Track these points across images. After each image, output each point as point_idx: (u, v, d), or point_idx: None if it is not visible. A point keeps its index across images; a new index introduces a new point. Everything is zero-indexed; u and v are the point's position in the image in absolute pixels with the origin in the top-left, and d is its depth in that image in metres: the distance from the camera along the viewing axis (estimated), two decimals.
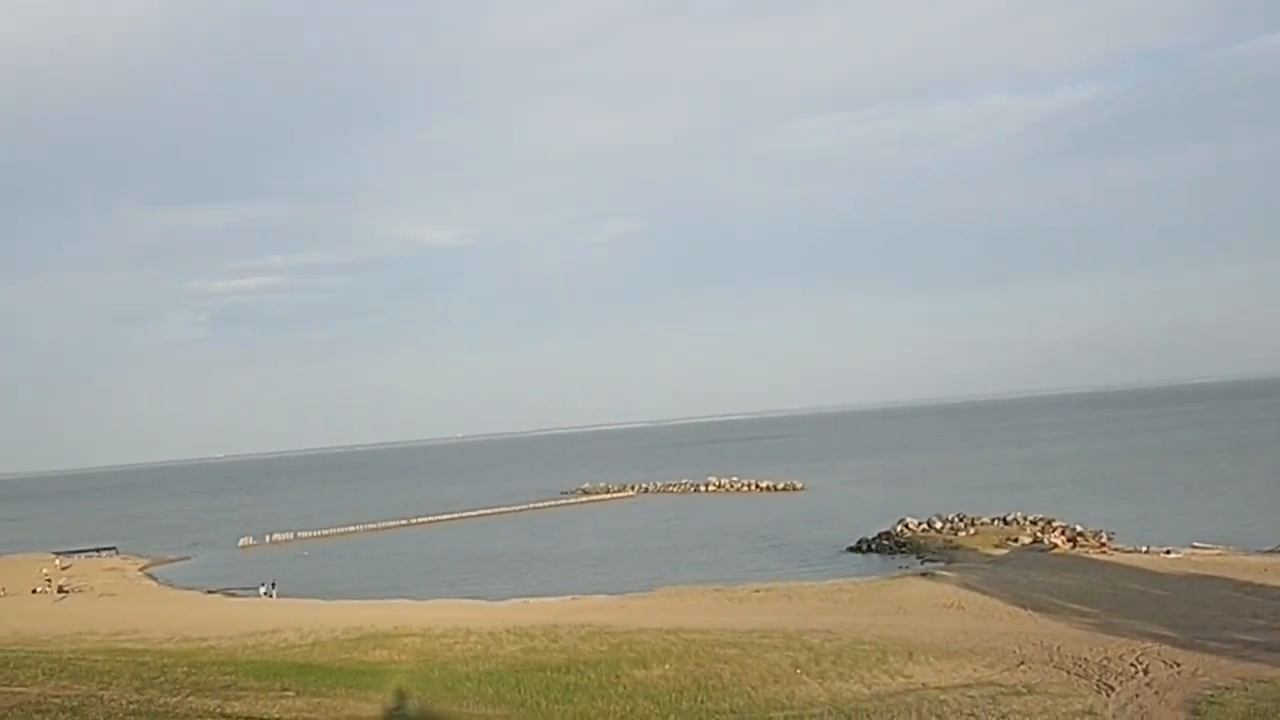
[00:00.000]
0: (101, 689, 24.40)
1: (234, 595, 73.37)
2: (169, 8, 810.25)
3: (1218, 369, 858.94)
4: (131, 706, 21.90)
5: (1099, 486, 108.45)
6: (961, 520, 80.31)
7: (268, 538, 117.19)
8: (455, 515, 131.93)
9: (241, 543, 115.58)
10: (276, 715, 22.25)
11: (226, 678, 28.61)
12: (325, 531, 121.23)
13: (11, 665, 28.23)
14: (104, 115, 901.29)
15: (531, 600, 58.05)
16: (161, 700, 23.19)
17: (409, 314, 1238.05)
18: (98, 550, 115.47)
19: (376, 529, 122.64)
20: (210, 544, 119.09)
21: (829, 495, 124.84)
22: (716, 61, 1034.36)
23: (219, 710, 22.27)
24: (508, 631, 44.38)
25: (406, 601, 60.79)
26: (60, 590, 75.96)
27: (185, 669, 29.21)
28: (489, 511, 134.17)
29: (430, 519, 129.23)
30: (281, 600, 67.10)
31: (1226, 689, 30.30)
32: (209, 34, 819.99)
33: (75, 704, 21.67)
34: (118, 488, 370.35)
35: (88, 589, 77.56)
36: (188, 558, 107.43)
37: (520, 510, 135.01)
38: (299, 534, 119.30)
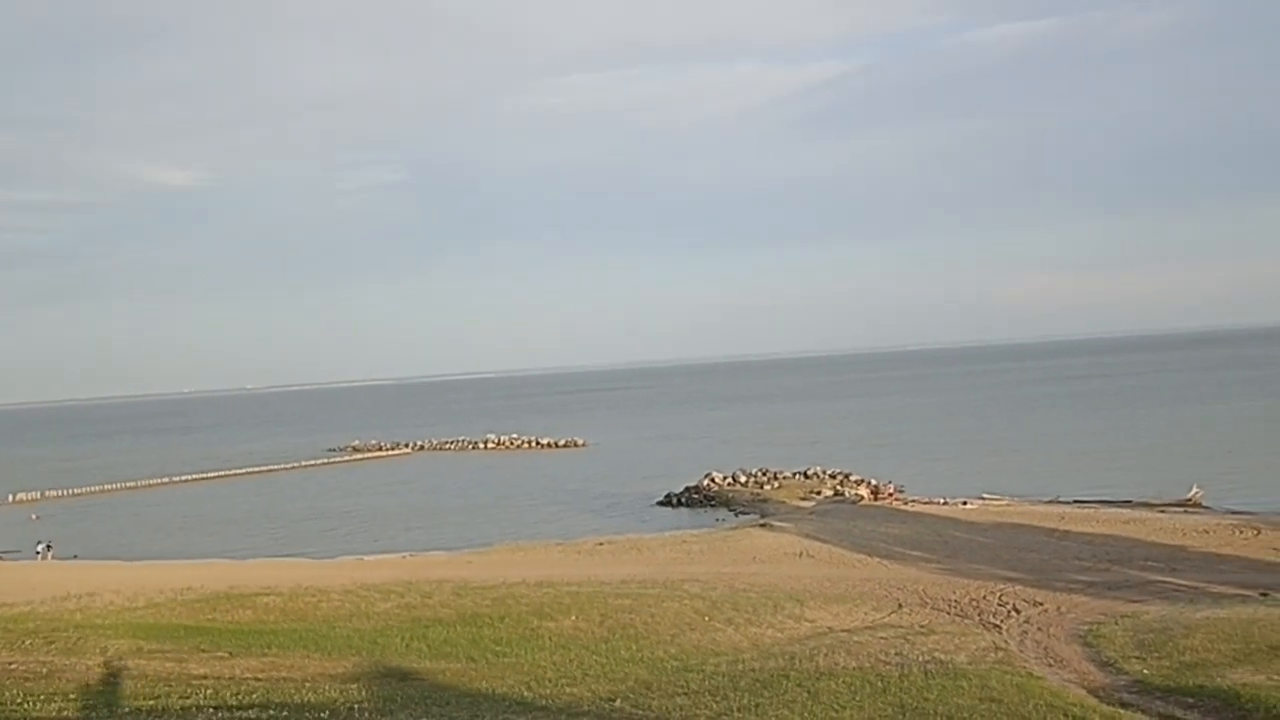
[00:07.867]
0: (20, 654, 21.06)
1: (2, 559, 66.44)
2: None
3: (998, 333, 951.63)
4: (95, 673, 19.07)
5: (885, 442, 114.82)
6: (765, 474, 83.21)
7: (10, 497, 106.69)
8: (223, 473, 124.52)
9: None
10: (235, 674, 20.05)
11: (113, 643, 25.57)
12: (77, 490, 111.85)
13: None
14: None
15: (367, 558, 55.51)
16: (118, 664, 20.38)
17: (135, 259, 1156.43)
18: None
19: (136, 487, 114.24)
20: None
21: (612, 452, 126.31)
22: (475, 12, 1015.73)
23: (180, 674, 19.82)
24: (365, 589, 41.88)
25: (226, 561, 56.69)
26: None
27: (72, 633, 25.85)
28: (257, 470, 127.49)
29: (196, 476, 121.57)
30: (68, 563, 61.22)
31: (1099, 623, 32.57)
32: None
33: (44, 672, 18.66)
34: None
35: None
36: None
37: (291, 468, 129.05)
38: (46, 492, 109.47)
